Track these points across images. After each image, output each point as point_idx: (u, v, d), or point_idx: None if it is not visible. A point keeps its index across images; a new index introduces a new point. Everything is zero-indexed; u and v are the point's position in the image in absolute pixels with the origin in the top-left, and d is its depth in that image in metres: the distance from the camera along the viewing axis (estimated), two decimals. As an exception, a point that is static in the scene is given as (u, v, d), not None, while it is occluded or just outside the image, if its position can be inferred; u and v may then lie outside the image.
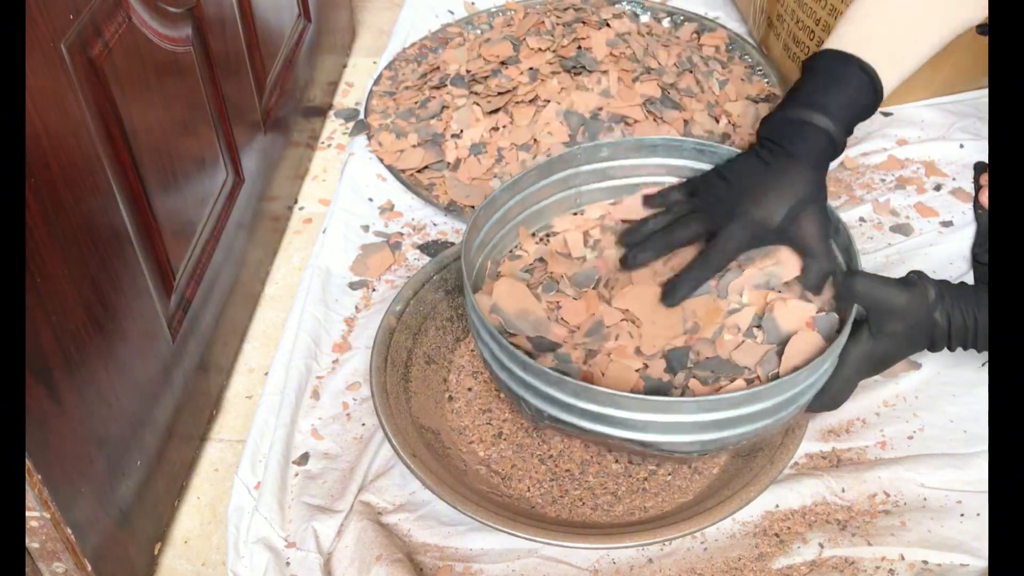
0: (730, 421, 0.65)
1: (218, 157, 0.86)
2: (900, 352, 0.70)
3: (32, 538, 0.61)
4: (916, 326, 0.68)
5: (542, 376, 0.66)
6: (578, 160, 0.82)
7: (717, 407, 0.64)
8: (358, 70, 1.33)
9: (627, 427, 0.65)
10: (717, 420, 0.65)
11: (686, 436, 0.66)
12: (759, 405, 0.65)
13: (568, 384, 0.65)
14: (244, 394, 0.89)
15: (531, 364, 0.66)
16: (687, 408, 0.65)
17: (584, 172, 0.83)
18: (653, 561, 0.71)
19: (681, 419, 0.65)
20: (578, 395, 0.65)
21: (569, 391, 0.65)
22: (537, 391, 0.67)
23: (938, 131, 1.08)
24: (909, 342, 0.69)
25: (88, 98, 0.61)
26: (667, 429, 0.65)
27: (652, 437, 0.66)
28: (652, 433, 0.65)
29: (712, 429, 0.66)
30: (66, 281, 0.59)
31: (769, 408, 0.66)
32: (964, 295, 0.68)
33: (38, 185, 0.54)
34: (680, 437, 0.66)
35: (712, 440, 0.67)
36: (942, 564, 0.69)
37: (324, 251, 0.98)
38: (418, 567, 0.71)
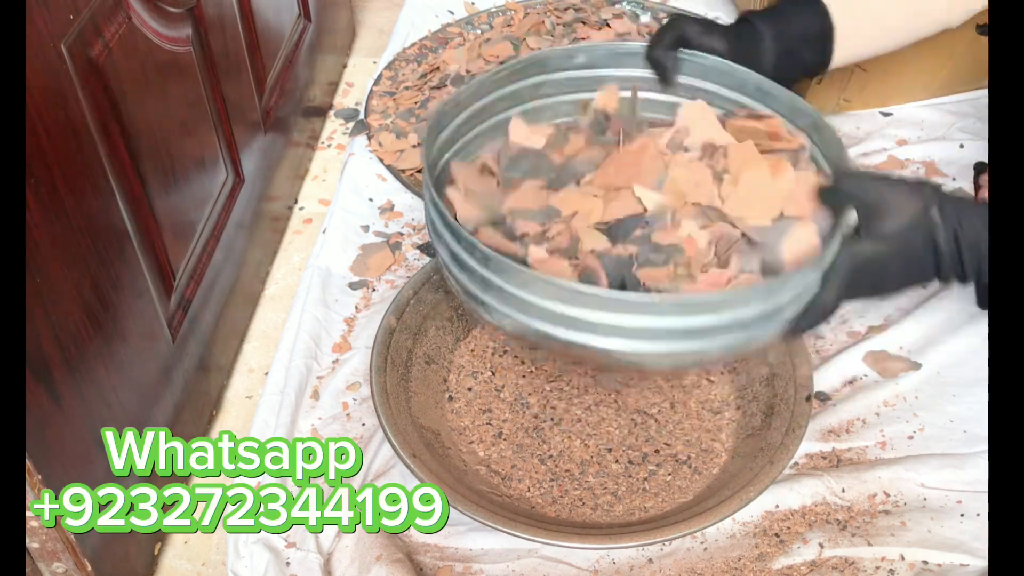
0: (705, 330, 0.59)
1: (218, 157, 0.86)
2: (899, 262, 0.62)
3: (32, 538, 0.61)
4: (914, 228, 0.61)
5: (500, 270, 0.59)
6: (551, 65, 0.76)
7: (692, 310, 0.58)
8: (358, 70, 1.33)
9: (587, 330, 0.59)
10: (691, 327, 0.58)
11: (654, 344, 0.59)
12: (742, 311, 0.59)
13: (524, 276, 0.59)
14: (244, 394, 0.89)
15: (490, 255, 0.59)
16: (657, 309, 0.57)
17: (555, 80, 0.77)
18: (653, 561, 0.71)
19: (649, 323, 0.58)
20: (530, 288, 0.59)
21: (523, 285, 0.59)
22: (495, 289, 0.61)
23: (938, 131, 1.08)
24: (908, 249, 0.62)
25: (88, 98, 0.61)
26: (632, 334, 0.58)
27: (615, 344, 0.59)
28: (616, 338, 0.59)
29: (684, 337, 0.59)
30: (66, 281, 0.59)
31: (753, 317, 0.59)
32: (966, 208, 0.62)
33: (38, 185, 0.54)
34: (647, 345, 0.59)
35: (685, 351, 0.60)
36: (942, 564, 0.69)
37: (324, 251, 0.98)
38: (418, 567, 0.71)
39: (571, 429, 0.79)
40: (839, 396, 0.82)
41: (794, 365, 0.78)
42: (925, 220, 0.60)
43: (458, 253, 0.63)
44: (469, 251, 0.62)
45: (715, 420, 0.80)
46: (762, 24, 0.74)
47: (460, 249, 0.63)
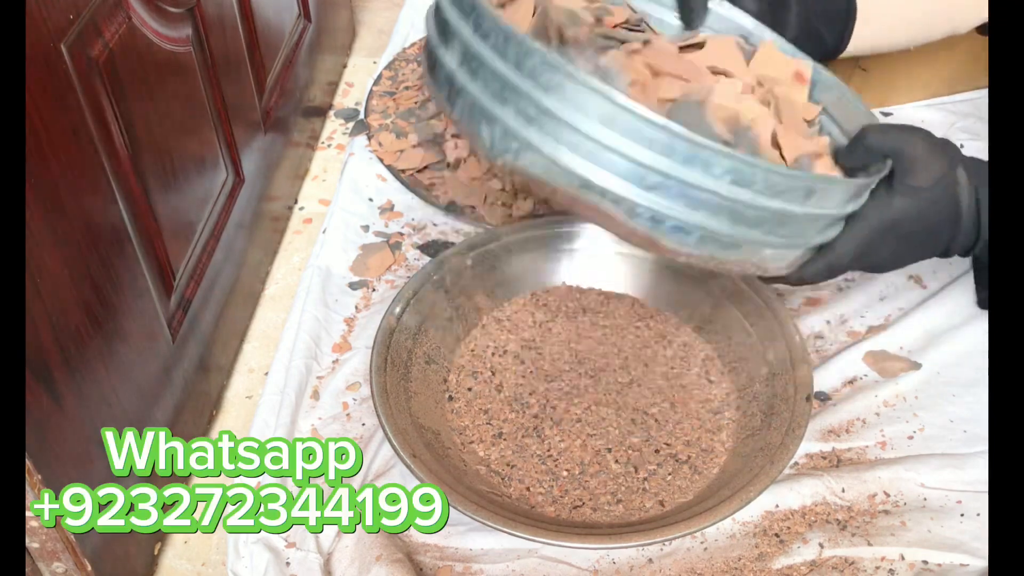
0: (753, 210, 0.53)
1: (218, 157, 0.86)
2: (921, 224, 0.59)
3: (32, 538, 0.61)
4: (942, 185, 0.58)
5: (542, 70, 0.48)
6: None
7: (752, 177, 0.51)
8: (358, 70, 1.33)
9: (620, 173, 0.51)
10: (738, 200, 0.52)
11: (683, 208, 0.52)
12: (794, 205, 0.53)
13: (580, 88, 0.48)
14: (244, 394, 0.89)
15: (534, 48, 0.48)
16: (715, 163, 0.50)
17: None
18: (653, 561, 0.71)
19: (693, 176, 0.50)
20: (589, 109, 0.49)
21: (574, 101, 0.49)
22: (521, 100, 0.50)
23: (938, 131, 1.06)
24: (933, 209, 0.59)
25: (88, 98, 0.61)
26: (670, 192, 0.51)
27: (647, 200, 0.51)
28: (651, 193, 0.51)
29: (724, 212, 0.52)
30: (66, 281, 0.59)
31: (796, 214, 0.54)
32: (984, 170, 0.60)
33: (38, 185, 0.54)
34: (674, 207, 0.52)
35: (715, 232, 0.54)
36: (942, 564, 0.69)
37: (324, 251, 0.98)
38: (418, 567, 0.71)
39: (571, 429, 0.79)
40: (839, 396, 0.82)
41: (794, 365, 0.78)
42: (952, 178, 0.58)
43: (475, 50, 0.52)
44: (495, 43, 0.50)
45: (715, 420, 0.80)
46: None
47: (480, 43, 0.51)
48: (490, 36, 0.51)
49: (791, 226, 0.56)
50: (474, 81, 0.52)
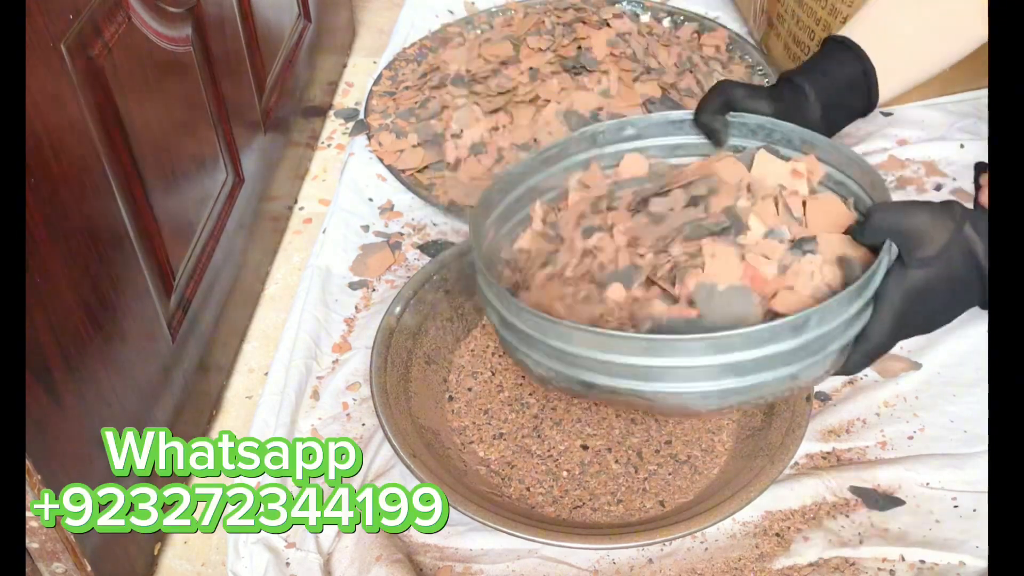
0: (749, 364, 0.59)
1: (218, 157, 0.86)
2: (944, 285, 0.62)
3: (32, 538, 0.61)
4: (953, 247, 0.61)
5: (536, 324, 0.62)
6: (600, 139, 0.77)
7: (732, 345, 0.58)
8: (358, 70, 1.33)
9: (628, 376, 0.61)
10: (734, 363, 0.58)
11: (694, 385, 0.60)
12: (789, 343, 0.58)
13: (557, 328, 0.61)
14: (244, 394, 0.89)
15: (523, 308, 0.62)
16: (693, 349, 0.58)
17: (606, 154, 0.78)
18: (653, 561, 0.71)
19: (685, 362, 0.59)
20: (561, 337, 0.61)
21: (559, 336, 0.61)
22: (535, 342, 0.63)
23: (938, 131, 1.08)
24: (951, 269, 0.61)
25: (88, 98, 0.61)
26: (673, 376, 0.60)
27: (654, 386, 0.60)
28: (656, 382, 0.60)
29: (730, 374, 0.59)
30: (66, 281, 0.59)
31: (798, 347, 0.59)
32: None
33: (38, 185, 0.54)
34: (686, 386, 0.60)
35: (731, 389, 0.60)
36: (941, 564, 0.69)
37: (324, 251, 0.98)
38: (418, 567, 0.71)
39: (571, 429, 0.79)
40: (839, 396, 0.82)
41: (794, 365, 0.78)
42: (961, 237, 0.61)
43: (504, 314, 0.66)
44: (512, 310, 0.64)
45: (715, 420, 0.80)
46: (803, 80, 0.75)
47: (504, 309, 0.65)
48: (506, 303, 0.64)
49: (806, 350, 0.60)
50: (507, 331, 0.66)
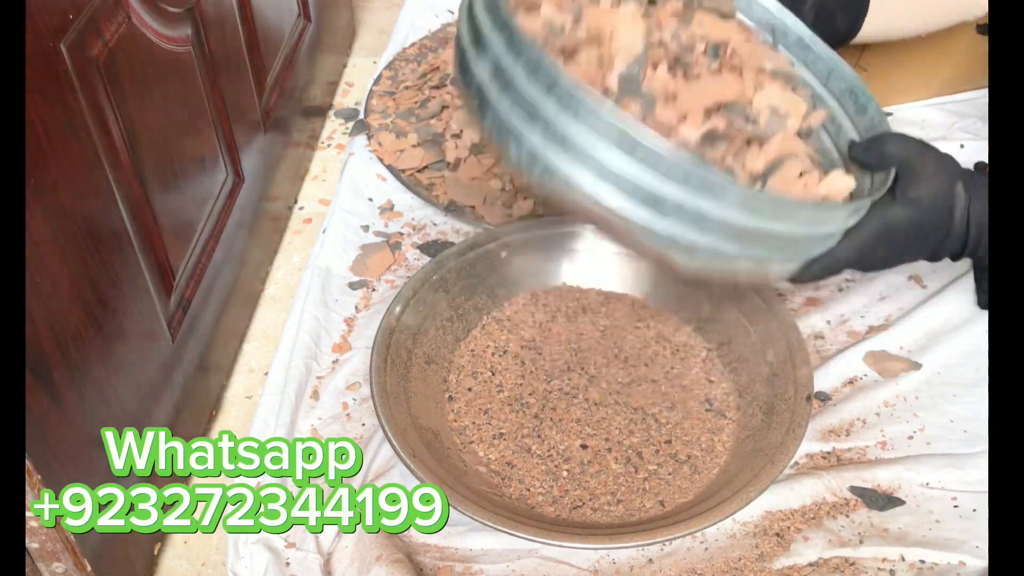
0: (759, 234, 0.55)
1: (218, 157, 0.86)
2: (914, 230, 0.62)
3: (32, 538, 0.61)
4: (941, 198, 0.62)
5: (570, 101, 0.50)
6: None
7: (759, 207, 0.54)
8: (358, 70, 1.33)
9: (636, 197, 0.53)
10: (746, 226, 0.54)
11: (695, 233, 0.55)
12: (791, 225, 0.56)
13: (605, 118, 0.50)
14: (244, 394, 0.89)
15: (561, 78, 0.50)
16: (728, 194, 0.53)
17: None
18: (653, 561, 0.71)
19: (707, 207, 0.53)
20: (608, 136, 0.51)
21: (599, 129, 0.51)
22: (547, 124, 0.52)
23: (938, 131, 1.08)
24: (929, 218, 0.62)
25: (88, 98, 0.61)
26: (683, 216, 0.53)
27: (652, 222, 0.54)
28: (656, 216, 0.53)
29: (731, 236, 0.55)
30: (66, 281, 0.59)
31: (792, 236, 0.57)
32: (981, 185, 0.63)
33: (38, 185, 0.54)
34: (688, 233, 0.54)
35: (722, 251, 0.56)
36: (941, 564, 0.69)
37: (324, 251, 0.98)
38: (418, 567, 0.71)
39: (571, 429, 0.79)
40: (839, 396, 0.82)
41: (794, 365, 0.78)
42: (949, 192, 0.61)
43: (506, 67, 0.53)
44: (527, 64, 0.52)
45: (715, 420, 0.80)
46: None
47: (510, 60, 0.52)
48: (522, 56, 0.52)
49: (796, 245, 0.59)
50: (504, 96, 0.53)
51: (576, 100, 0.50)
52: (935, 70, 1.09)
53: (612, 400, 0.82)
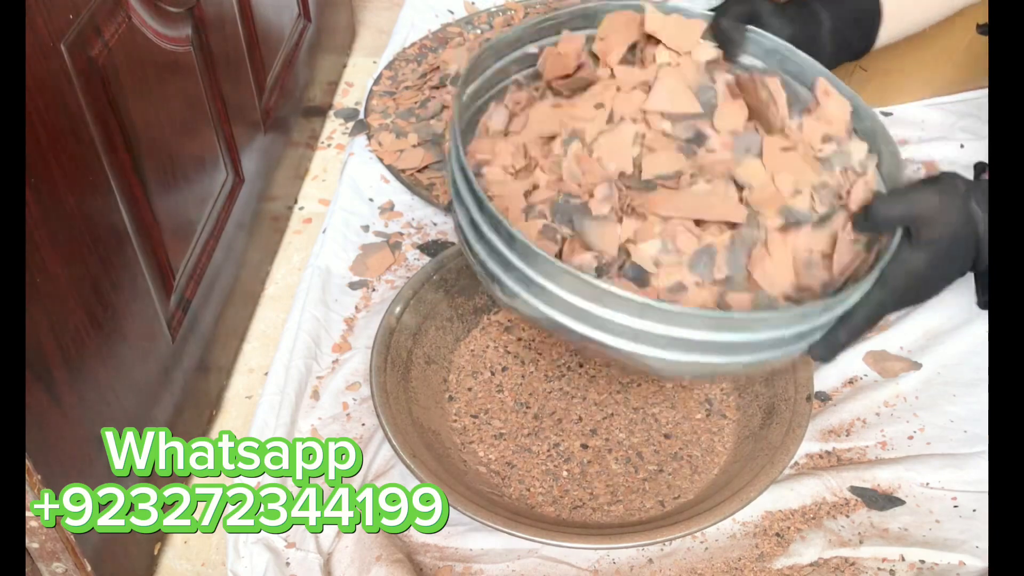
0: (742, 345, 0.57)
1: (218, 157, 0.86)
2: (943, 265, 0.62)
3: (32, 538, 0.61)
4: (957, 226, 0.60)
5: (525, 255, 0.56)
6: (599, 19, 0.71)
7: (732, 326, 0.55)
8: (358, 70, 1.33)
9: (612, 331, 0.57)
10: (723, 343, 0.56)
11: (679, 354, 0.57)
12: (781, 330, 0.57)
13: (551, 267, 0.55)
14: (244, 394, 0.89)
15: (517, 237, 0.55)
16: (692, 322, 0.55)
17: None
18: (653, 561, 0.71)
19: (680, 335, 0.55)
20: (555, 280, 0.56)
21: (549, 276, 0.56)
22: (515, 271, 0.57)
23: (938, 131, 1.08)
24: (952, 250, 0.61)
25: (88, 98, 0.60)
26: (658, 343, 0.56)
27: (638, 349, 0.57)
28: (641, 344, 0.56)
29: (713, 351, 0.57)
30: (66, 281, 0.59)
31: (791, 336, 0.58)
32: None
33: (38, 185, 0.54)
34: (671, 355, 0.57)
35: (710, 364, 0.58)
36: (941, 564, 0.69)
37: (324, 251, 0.98)
38: (418, 567, 0.71)
39: (571, 429, 0.79)
40: (839, 396, 0.82)
41: (794, 365, 0.78)
42: (966, 215, 0.60)
43: (479, 223, 0.59)
44: (493, 227, 0.58)
45: (715, 420, 0.80)
46: (820, 7, 0.72)
47: (482, 220, 0.59)
48: (484, 210, 0.58)
49: (789, 341, 0.59)
50: (480, 244, 0.60)
51: (529, 253, 0.56)
52: (935, 70, 1.09)
53: (612, 400, 0.82)
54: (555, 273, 0.56)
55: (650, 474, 0.76)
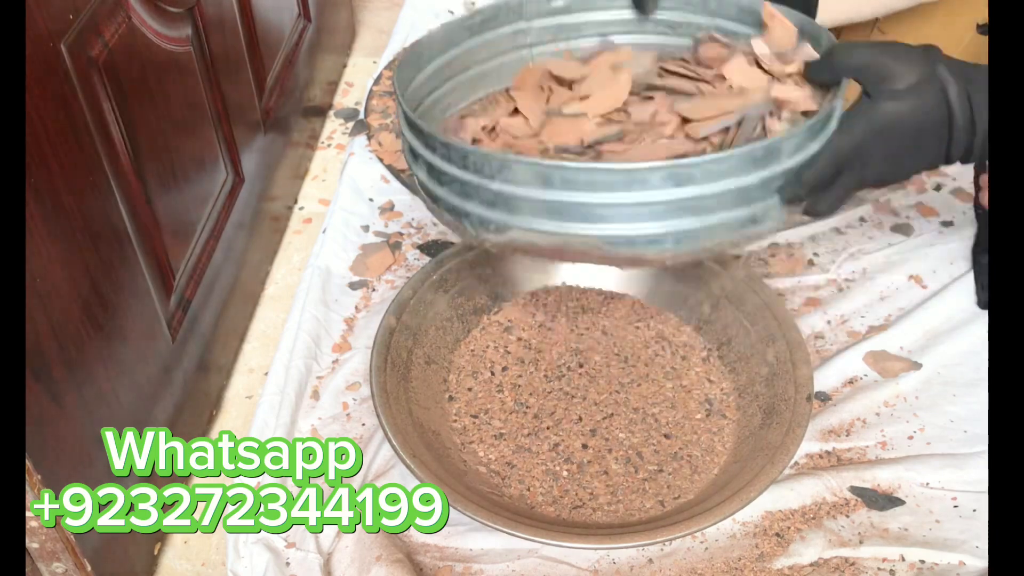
0: (710, 200, 0.55)
1: (218, 157, 0.86)
2: (913, 125, 0.58)
3: (32, 538, 0.61)
4: (926, 83, 0.57)
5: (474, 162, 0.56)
6: (528, 11, 0.73)
7: (691, 176, 0.54)
8: (358, 70, 1.33)
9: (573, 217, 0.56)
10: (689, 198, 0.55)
11: (645, 225, 0.56)
12: (743, 178, 0.55)
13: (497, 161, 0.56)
14: (244, 394, 0.89)
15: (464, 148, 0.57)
16: (648, 180, 0.54)
17: (535, 28, 0.73)
18: (653, 561, 0.71)
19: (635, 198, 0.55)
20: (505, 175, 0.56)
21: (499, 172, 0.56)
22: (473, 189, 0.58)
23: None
24: (922, 109, 0.58)
25: (88, 98, 0.61)
26: (616, 215, 0.56)
27: (603, 229, 0.56)
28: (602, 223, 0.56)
29: (677, 212, 0.56)
30: (66, 281, 0.59)
31: (755, 185, 0.56)
32: (970, 67, 0.58)
33: (38, 185, 0.54)
34: (637, 227, 0.56)
35: (682, 231, 0.57)
36: (941, 564, 0.69)
37: (324, 251, 0.98)
38: (418, 567, 0.71)
39: (571, 429, 0.79)
40: (839, 396, 0.82)
41: (794, 365, 0.78)
42: (934, 76, 0.58)
43: (434, 163, 0.60)
44: (444, 154, 0.59)
45: (715, 420, 0.80)
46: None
47: (435, 157, 0.59)
48: (436, 148, 0.59)
49: (757, 193, 0.57)
50: (442, 187, 0.61)
51: (487, 161, 0.56)
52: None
53: (612, 400, 0.82)
54: (506, 167, 0.56)
55: (650, 474, 0.76)
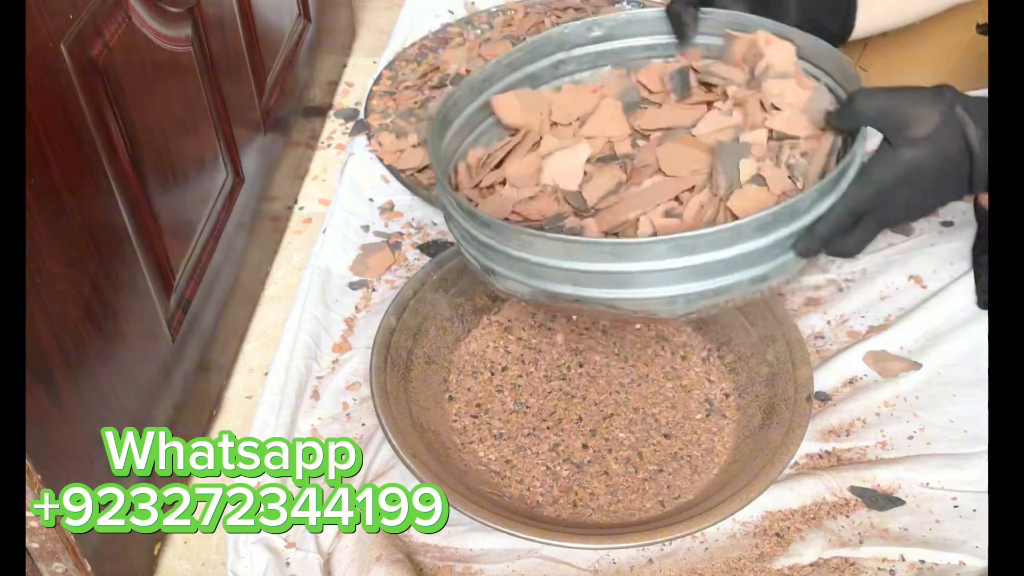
0: (716, 266, 0.57)
1: (218, 157, 0.86)
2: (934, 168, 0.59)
3: (32, 538, 0.61)
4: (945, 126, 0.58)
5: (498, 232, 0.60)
6: (568, 42, 0.75)
7: (697, 246, 0.56)
8: (358, 70, 1.33)
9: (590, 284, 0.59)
10: (699, 265, 0.57)
11: (659, 290, 0.58)
12: (752, 243, 0.57)
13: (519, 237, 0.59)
14: (244, 394, 0.89)
15: (487, 219, 0.60)
16: (656, 252, 0.56)
17: (574, 57, 0.76)
18: (653, 561, 0.71)
19: (649, 267, 0.57)
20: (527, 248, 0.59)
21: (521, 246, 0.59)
22: (499, 254, 0.61)
23: (938, 131, 1.08)
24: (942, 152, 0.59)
25: (88, 98, 0.60)
26: (635, 281, 0.58)
27: (622, 293, 0.59)
28: (620, 289, 0.58)
29: (692, 277, 0.58)
30: (66, 281, 0.59)
31: (765, 248, 0.57)
32: None
33: (38, 185, 0.54)
34: (652, 291, 0.58)
35: (696, 293, 0.59)
36: (941, 564, 0.69)
37: (324, 251, 0.98)
38: (418, 567, 0.71)
39: (571, 429, 0.79)
40: (839, 396, 0.82)
41: (794, 365, 0.78)
42: (953, 118, 0.58)
43: (468, 228, 0.63)
44: (471, 221, 0.62)
45: (715, 420, 0.80)
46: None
47: (467, 223, 0.63)
48: (465, 215, 0.63)
49: (776, 248, 0.59)
50: (472, 246, 0.65)
51: (499, 230, 0.60)
52: (935, 70, 1.09)
53: (612, 400, 0.82)
54: (522, 241, 0.59)
55: (650, 474, 0.76)
